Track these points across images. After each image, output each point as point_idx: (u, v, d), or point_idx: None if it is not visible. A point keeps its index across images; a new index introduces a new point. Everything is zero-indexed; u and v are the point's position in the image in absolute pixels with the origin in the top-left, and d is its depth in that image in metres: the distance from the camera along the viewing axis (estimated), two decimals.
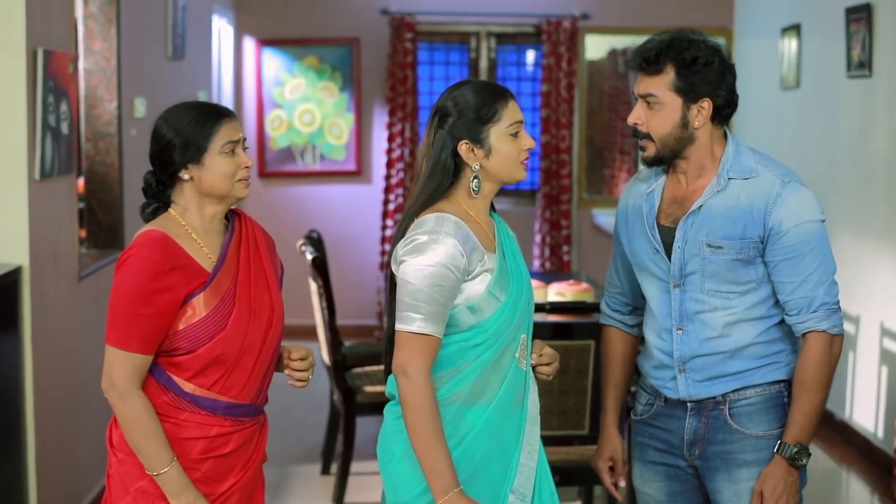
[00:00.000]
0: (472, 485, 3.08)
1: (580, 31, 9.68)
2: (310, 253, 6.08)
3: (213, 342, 3.10)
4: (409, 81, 9.52)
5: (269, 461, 3.40)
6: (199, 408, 3.14)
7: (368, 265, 9.79)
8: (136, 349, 3.05)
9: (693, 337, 3.33)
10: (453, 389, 3.09)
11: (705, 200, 3.29)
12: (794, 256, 3.25)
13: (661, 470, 3.47)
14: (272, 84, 9.72)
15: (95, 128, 6.12)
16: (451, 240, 3.02)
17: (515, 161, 3.15)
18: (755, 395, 3.33)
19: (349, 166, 9.80)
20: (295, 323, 9.44)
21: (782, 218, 3.23)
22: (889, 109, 6.62)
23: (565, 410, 4.81)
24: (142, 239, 3.10)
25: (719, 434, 3.35)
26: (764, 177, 3.28)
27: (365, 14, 9.66)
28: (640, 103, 3.33)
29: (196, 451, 3.14)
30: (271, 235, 3.42)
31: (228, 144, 3.15)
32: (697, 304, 3.32)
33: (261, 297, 3.22)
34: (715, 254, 3.27)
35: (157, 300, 3.04)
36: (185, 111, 3.16)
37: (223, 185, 3.16)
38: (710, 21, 9.68)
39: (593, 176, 10.18)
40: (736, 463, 3.33)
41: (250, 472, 3.27)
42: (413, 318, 3.01)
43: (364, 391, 6.03)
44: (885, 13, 6.65)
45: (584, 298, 5.76)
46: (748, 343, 3.31)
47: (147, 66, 6.80)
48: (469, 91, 3.15)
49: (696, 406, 3.37)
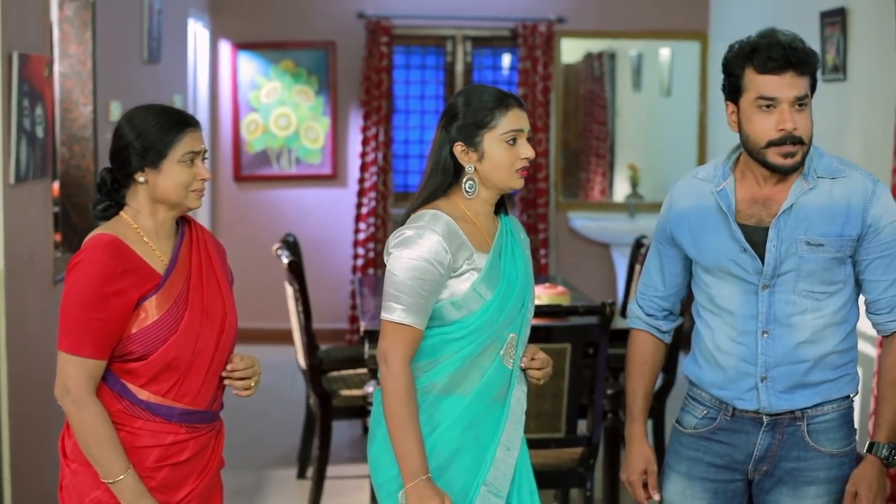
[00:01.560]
0: (443, 473, 3.16)
1: (556, 34, 9.69)
2: (286, 257, 6.06)
3: (166, 346, 3.08)
4: (385, 85, 9.52)
5: (244, 465, 3.39)
6: (154, 415, 3.11)
7: (344, 269, 9.79)
8: (89, 354, 3.03)
9: (780, 342, 3.23)
10: (431, 379, 3.18)
11: (796, 199, 3.20)
12: (889, 254, 3.22)
13: (709, 486, 3.36)
14: (248, 88, 9.70)
15: (71, 131, 6.10)
16: (436, 236, 3.11)
17: (508, 169, 3.19)
18: (832, 410, 3.28)
19: (325, 170, 9.79)
20: (271, 327, 9.46)
21: (880, 215, 3.20)
22: (863, 113, 6.65)
23: (542, 413, 4.82)
24: (92, 243, 3.08)
25: (794, 451, 3.28)
26: (854, 176, 3.24)
27: (341, 18, 9.66)
28: (788, 108, 3.16)
29: (151, 459, 3.12)
30: (241, 239, 3.41)
31: (189, 154, 3.13)
32: (788, 306, 3.22)
33: (213, 301, 3.21)
34: (814, 252, 3.19)
35: (109, 304, 3.02)
36: (151, 114, 3.14)
37: (177, 194, 3.14)
38: (685, 25, 9.72)
39: (569, 179, 10.20)
40: (806, 480, 3.27)
41: (207, 478, 3.24)
42: (394, 307, 3.11)
43: (340, 395, 6.02)
44: (859, 17, 6.68)
45: (560, 301, 5.77)
46: (830, 351, 3.25)
47: (122, 70, 6.78)
48: (474, 95, 3.22)
49: (771, 421, 3.27)
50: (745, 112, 3.20)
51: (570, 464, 4.99)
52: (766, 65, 3.13)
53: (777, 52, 3.12)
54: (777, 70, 3.13)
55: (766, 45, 3.15)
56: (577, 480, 5.02)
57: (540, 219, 9.65)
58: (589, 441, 4.97)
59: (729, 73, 3.24)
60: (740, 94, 3.20)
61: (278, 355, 8.72)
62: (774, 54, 3.12)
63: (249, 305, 9.45)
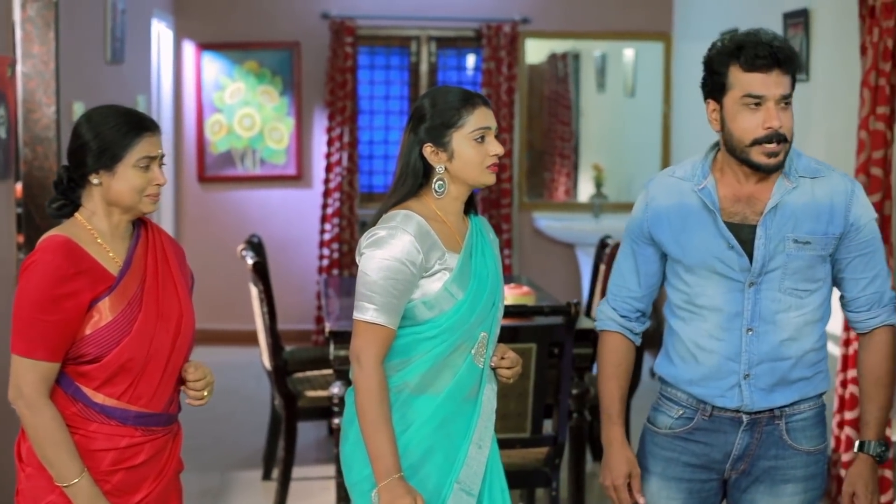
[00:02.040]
0: (416, 472, 3.19)
1: (520, 35, 9.70)
2: (250, 258, 6.05)
3: (120, 347, 3.06)
4: (349, 86, 9.51)
5: (209, 467, 3.38)
6: (108, 418, 3.09)
7: (309, 270, 9.77)
8: (42, 357, 3.01)
9: (764, 339, 3.25)
10: (403, 378, 3.20)
11: (781, 198, 3.22)
12: (869, 252, 3.28)
13: (685, 486, 3.36)
14: (212, 88, 9.67)
15: (34, 132, 6.06)
16: (407, 236, 3.14)
17: (479, 166, 3.22)
18: (808, 409, 3.31)
19: (289, 171, 9.77)
20: (236, 328, 9.44)
21: (859, 214, 3.25)
22: (826, 113, 6.69)
23: (507, 414, 4.82)
24: (45, 244, 3.06)
25: (772, 450, 3.30)
26: (833, 176, 3.27)
27: (305, 18, 9.64)
28: (774, 106, 3.16)
29: (106, 462, 3.10)
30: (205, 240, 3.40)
31: (144, 159, 3.11)
32: (774, 304, 3.24)
33: (169, 303, 3.19)
34: (802, 249, 3.21)
35: (62, 306, 3.00)
36: (110, 116, 3.12)
37: (130, 198, 3.12)
38: (649, 26, 9.75)
39: (533, 179, 10.21)
40: (783, 478, 3.30)
41: (163, 482, 3.22)
42: (367, 307, 3.14)
43: (305, 396, 6.01)
44: (821, 18, 6.72)
45: (525, 302, 5.77)
46: (809, 348, 3.28)
47: (86, 71, 6.75)
48: (440, 96, 3.25)
49: (750, 421, 3.28)
50: (729, 110, 3.20)
51: (535, 463, 5.00)
52: (754, 62, 3.14)
53: (764, 50, 3.13)
54: (764, 68, 3.14)
55: (753, 43, 3.15)
56: (543, 480, 5.03)
57: (504, 219, 9.66)
58: (554, 441, 4.98)
59: (712, 70, 3.23)
60: (724, 91, 3.20)
61: (243, 356, 8.71)
62: (762, 52, 3.13)
63: (214, 306, 9.42)
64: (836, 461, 5.89)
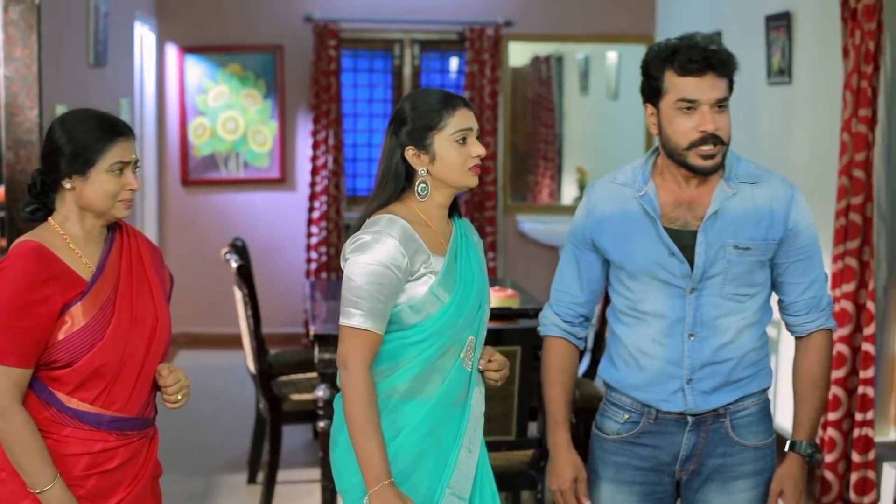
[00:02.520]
0: (408, 478, 3.17)
1: (503, 38, 9.71)
2: (234, 261, 6.04)
3: (92, 353, 3.04)
4: (333, 89, 9.50)
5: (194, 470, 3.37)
6: (82, 423, 3.08)
7: (294, 273, 9.76)
8: (13, 363, 2.99)
9: (706, 344, 3.26)
10: (393, 384, 3.18)
11: (721, 204, 3.24)
12: (807, 257, 3.31)
13: (637, 489, 3.37)
14: (195, 91, 9.66)
15: (16, 135, 6.05)
16: (392, 240, 3.12)
17: (461, 168, 3.21)
18: (752, 405, 3.33)
19: (273, 174, 9.76)
20: (220, 331, 9.43)
21: (798, 219, 3.27)
22: (809, 115, 6.71)
23: (492, 416, 4.82)
24: (16, 250, 3.05)
25: (719, 447, 3.32)
26: (773, 181, 3.29)
27: (288, 21, 9.63)
28: (709, 109, 3.17)
29: (79, 467, 3.09)
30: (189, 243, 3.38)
31: (118, 164, 3.08)
32: (714, 309, 3.26)
33: (143, 307, 3.16)
34: (742, 255, 3.23)
35: (33, 312, 2.98)
36: (84, 120, 3.10)
37: (103, 203, 3.10)
38: (633, 28, 9.76)
39: (517, 182, 10.22)
40: (733, 475, 3.32)
41: (139, 486, 3.20)
42: (353, 313, 3.12)
43: (290, 399, 6.00)
44: (804, 21, 6.74)
45: (509, 304, 5.78)
46: (750, 349, 3.30)
47: (69, 74, 6.73)
48: (420, 99, 3.23)
49: (696, 421, 3.30)
50: (665, 114, 3.22)
51: (520, 466, 5.01)
52: (687, 67, 3.15)
53: (697, 55, 3.15)
54: (697, 72, 3.16)
55: (687, 48, 3.17)
56: (528, 482, 5.04)
57: (488, 222, 9.66)
58: (539, 443, 4.99)
59: (648, 75, 3.25)
60: (660, 96, 3.22)
61: (227, 360, 8.71)
62: (695, 56, 3.15)
63: (198, 310, 9.42)
64: (819, 462, 5.90)
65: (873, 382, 5.60)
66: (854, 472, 5.61)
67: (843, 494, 5.78)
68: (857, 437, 5.59)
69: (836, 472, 5.79)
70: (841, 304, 5.71)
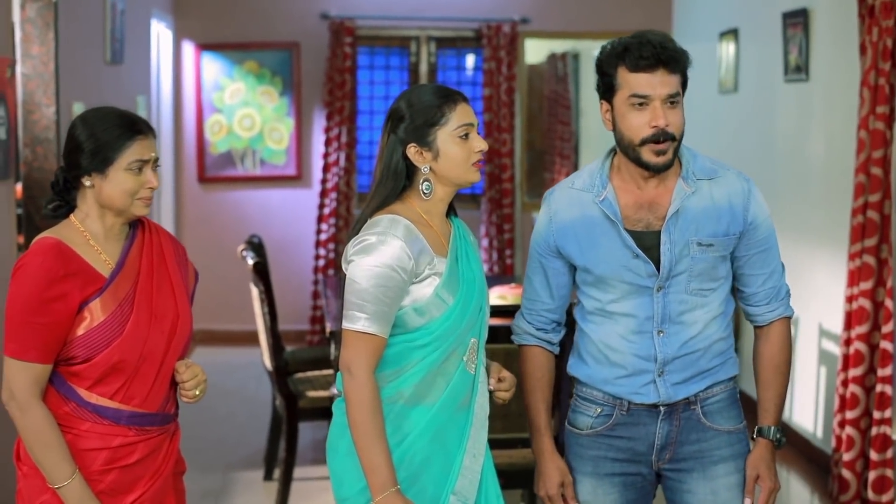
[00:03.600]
0: (412, 484, 3.11)
1: (520, 35, 9.70)
2: (251, 258, 6.05)
3: (111, 349, 3.05)
4: (348, 86, 9.50)
5: (210, 467, 3.37)
6: (101, 418, 3.09)
7: (307, 270, 9.77)
8: (33, 359, 3.01)
9: (675, 339, 3.30)
10: (397, 389, 3.12)
11: (682, 203, 3.26)
12: (766, 249, 3.35)
13: (618, 481, 3.39)
14: (212, 89, 9.68)
15: (33, 133, 6.06)
16: (398, 241, 3.05)
17: (465, 163, 3.15)
18: (720, 391, 3.37)
19: (289, 171, 9.77)
20: (237, 328, 9.44)
21: (756, 213, 3.31)
22: (825, 113, 6.69)
23: (508, 414, 4.81)
24: (36, 247, 3.06)
25: (693, 434, 3.35)
26: (728, 176, 3.32)
27: (305, 18, 9.64)
28: (660, 105, 3.19)
29: (99, 462, 3.10)
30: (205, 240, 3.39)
31: (137, 162, 3.09)
32: (681, 305, 3.29)
33: (164, 304, 3.17)
34: (705, 252, 3.27)
35: (52, 308, 3.00)
36: (104, 118, 3.11)
37: (121, 201, 3.11)
38: (649, 25, 9.70)
39: (534, 179, 10.21)
40: (712, 460, 3.35)
41: (159, 482, 3.21)
42: (358, 317, 3.04)
43: (306, 396, 6.01)
44: (821, 18, 6.72)
45: None
46: (716, 339, 3.34)
47: (85, 71, 6.74)
48: (419, 95, 3.17)
49: (668, 409, 3.34)
50: (618, 110, 3.26)
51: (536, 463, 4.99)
52: (638, 63, 3.19)
53: (648, 51, 3.18)
54: (648, 68, 3.19)
55: (637, 45, 3.20)
56: None
57: (505, 219, 9.66)
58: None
59: (602, 72, 3.30)
60: (614, 92, 3.26)
61: (244, 357, 8.72)
62: (645, 53, 3.18)
63: (214, 307, 9.43)
64: (837, 461, 5.89)
65: (891, 380, 5.58)
66: (872, 471, 5.60)
67: (861, 493, 5.76)
68: (875, 435, 5.58)
69: (854, 471, 5.77)
70: (859, 301, 5.70)
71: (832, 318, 6.47)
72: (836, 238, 6.38)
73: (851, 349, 5.76)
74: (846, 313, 5.82)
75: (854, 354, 5.73)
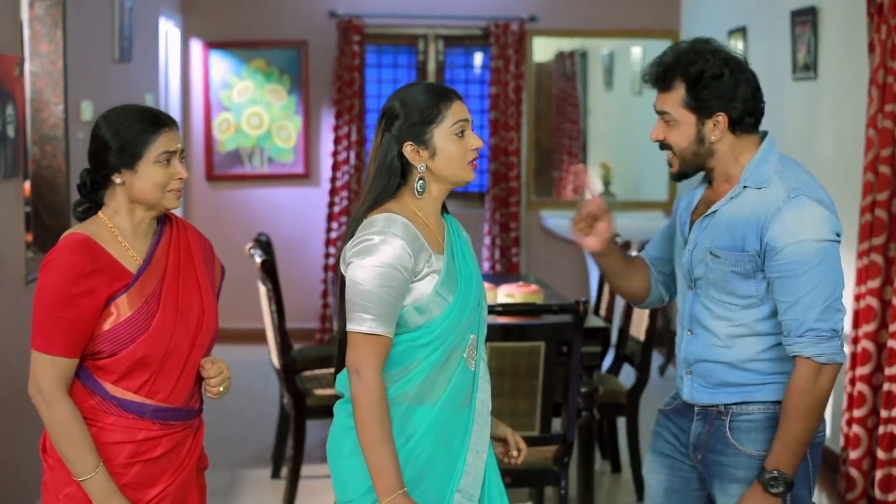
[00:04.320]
0: (417, 485, 3.10)
1: (528, 33, 9.70)
2: (259, 256, 6.05)
3: (136, 344, 3.08)
4: (357, 84, 9.51)
5: (218, 465, 3.37)
6: (126, 412, 3.11)
7: (316, 268, 9.77)
8: (60, 353, 3.04)
9: (700, 341, 3.31)
10: (402, 389, 3.11)
11: (720, 206, 3.25)
12: (789, 276, 3.14)
13: (667, 462, 3.46)
14: (220, 87, 9.68)
15: (42, 131, 6.07)
16: (398, 240, 3.04)
17: (461, 161, 3.14)
18: (758, 411, 3.28)
19: (297, 169, 9.78)
20: (244, 326, 9.44)
21: (777, 234, 3.14)
22: (834, 111, 6.68)
23: (516, 412, 4.82)
24: (64, 242, 3.09)
25: (718, 445, 3.32)
26: (773, 188, 3.19)
27: (313, 17, 9.64)
28: (659, 120, 3.30)
29: (123, 455, 3.12)
30: (213, 238, 3.41)
31: (164, 154, 3.12)
32: (704, 310, 3.30)
33: (189, 300, 3.20)
34: (715, 262, 3.24)
35: (79, 303, 3.02)
36: (127, 114, 3.14)
37: (153, 195, 3.13)
38: (657, 24, 9.74)
39: (541, 178, 10.21)
40: (728, 477, 3.31)
41: (182, 476, 3.24)
42: (364, 318, 3.03)
43: (314, 394, 6.01)
44: (829, 16, 6.71)
45: (533, 300, 5.77)
46: (752, 357, 3.26)
47: (94, 69, 6.75)
48: (414, 93, 3.15)
49: (702, 411, 3.35)
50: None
51: (544, 462, 5.00)
52: (643, 80, 3.36)
53: (645, 72, 3.33)
54: (654, 87, 3.32)
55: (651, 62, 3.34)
56: (552, 479, 5.03)
57: (512, 217, 9.65)
58: (563, 439, 4.98)
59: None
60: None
61: (251, 355, 8.72)
62: (645, 75, 3.33)
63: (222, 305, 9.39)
64: (844, 459, 5.88)
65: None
66: (879, 469, 5.58)
67: (868, 491, 5.75)
68: (883, 434, 5.57)
69: (861, 469, 5.76)
70: (866, 300, 5.69)
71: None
72: (845, 236, 6.31)
73: (859, 347, 5.76)
74: (854, 312, 5.81)
75: (861, 353, 5.72)
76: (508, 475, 4.83)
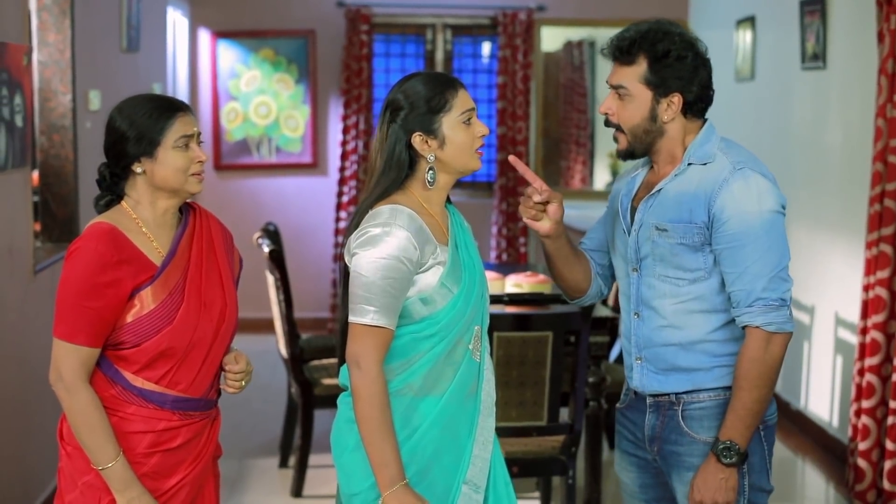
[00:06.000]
0: (424, 476, 3.09)
1: (536, 22, 9.69)
2: (267, 246, 6.06)
3: (160, 336, 3.08)
4: (365, 73, 9.50)
5: (226, 454, 3.38)
6: (146, 401, 3.12)
7: (325, 257, 9.78)
8: (82, 342, 3.04)
9: (648, 324, 3.29)
10: (406, 381, 3.10)
11: (665, 184, 3.25)
12: (735, 246, 3.15)
13: (633, 461, 3.43)
14: (227, 76, 9.68)
15: (50, 120, 6.08)
16: (403, 232, 3.02)
17: (469, 149, 3.13)
18: (708, 399, 3.27)
19: (305, 158, 9.78)
20: (252, 316, 9.44)
21: (724, 205, 3.15)
22: (843, 101, 6.67)
23: (524, 402, 4.82)
24: (90, 231, 3.09)
25: (672, 434, 3.30)
26: (719, 162, 3.22)
27: (320, 6, 9.64)
28: (611, 94, 3.30)
29: (143, 445, 3.13)
30: (229, 229, 3.41)
31: (182, 139, 3.12)
32: (650, 290, 3.28)
33: (212, 292, 3.21)
34: (662, 237, 3.22)
35: (104, 293, 3.03)
36: (140, 103, 3.14)
37: (176, 180, 3.14)
38: (665, 13, 9.69)
39: (549, 167, 10.20)
40: (685, 466, 3.28)
41: (200, 466, 3.25)
42: (366, 310, 3.02)
43: (321, 384, 6.02)
44: (838, 5, 6.70)
45: (541, 290, 5.77)
46: (700, 338, 3.25)
47: (101, 59, 6.75)
48: (418, 83, 3.14)
49: (654, 402, 3.33)
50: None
51: (551, 452, 5.00)
52: (603, 52, 3.37)
53: (608, 43, 3.32)
54: (611, 58, 3.33)
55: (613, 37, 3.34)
56: (559, 468, 5.03)
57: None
58: (571, 429, 4.98)
59: None
60: None
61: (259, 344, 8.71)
62: (605, 45, 3.33)
63: None
64: (853, 450, 5.88)
65: None
66: (888, 460, 5.58)
67: (877, 482, 5.75)
68: (892, 425, 5.56)
69: (870, 460, 5.76)
70: (875, 290, 5.68)
71: (849, 307, 6.46)
72: (853, 227, 6.36)
73: (868, 338, 5.75)
74: (863, 302, 5.80)
75: (870, 343, 5.71)
76: (516, 465, 4.83)
